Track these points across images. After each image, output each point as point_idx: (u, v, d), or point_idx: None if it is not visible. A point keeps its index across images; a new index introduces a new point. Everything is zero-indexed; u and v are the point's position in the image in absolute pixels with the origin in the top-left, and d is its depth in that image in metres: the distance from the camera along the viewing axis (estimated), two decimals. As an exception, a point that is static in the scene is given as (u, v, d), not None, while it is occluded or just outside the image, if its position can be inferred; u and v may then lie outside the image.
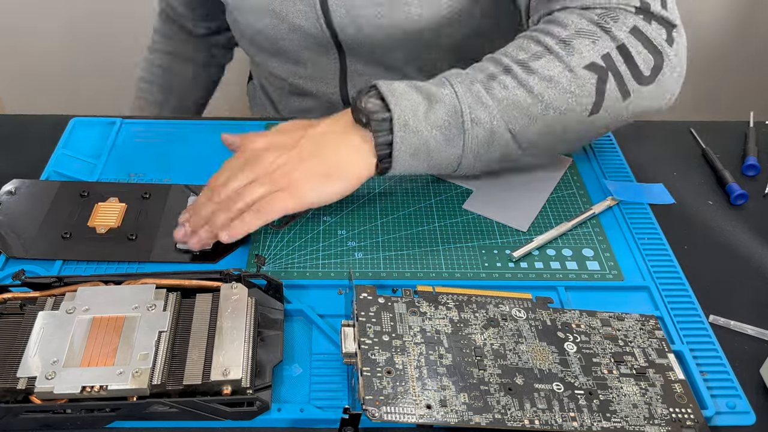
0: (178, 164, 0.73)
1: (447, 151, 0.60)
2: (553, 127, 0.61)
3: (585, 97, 0.60)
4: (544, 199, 0.70)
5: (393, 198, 0.70)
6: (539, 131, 0.61)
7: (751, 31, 1.54)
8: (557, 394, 0.50)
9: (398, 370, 0.49)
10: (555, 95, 0.60)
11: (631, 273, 0.63)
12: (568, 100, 0.60)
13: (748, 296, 0.62)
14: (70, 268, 0.61)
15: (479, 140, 0.60)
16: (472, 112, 0.59)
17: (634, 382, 0.51)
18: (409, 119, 0.58)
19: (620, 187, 0.71)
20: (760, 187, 0.73)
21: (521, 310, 0.56)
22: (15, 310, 0.53)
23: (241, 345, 0.50)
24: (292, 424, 0.51)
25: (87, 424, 0.49)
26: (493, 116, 0.59)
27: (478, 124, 0.59)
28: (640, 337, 0.55)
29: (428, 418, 0.47)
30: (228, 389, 0.49)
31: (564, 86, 0.59)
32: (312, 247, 0.64)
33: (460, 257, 0.64)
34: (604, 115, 0.61)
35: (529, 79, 0.59)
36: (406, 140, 0.58)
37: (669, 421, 0.49)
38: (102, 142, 0.76)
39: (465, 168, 0.62)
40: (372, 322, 0.53)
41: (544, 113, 0.60)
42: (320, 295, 0.60)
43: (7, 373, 0.48)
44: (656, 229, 0.67)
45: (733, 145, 0.79)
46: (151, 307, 0.52)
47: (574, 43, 0.60)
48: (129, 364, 0.48)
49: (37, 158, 0.74)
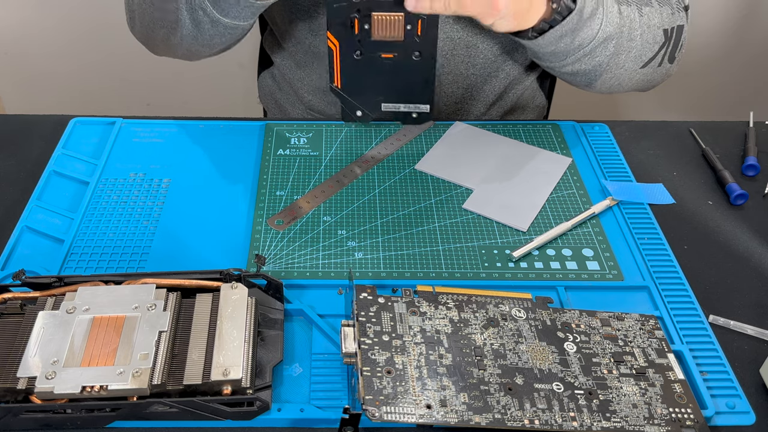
0: (178, 164, 0.73)
1: (588, 26, 0.68)
2: (630, 54, 0.73)
3: (651, 47, 0.74)
4: (544, 199, 0.70)
5: (393, 198, 0.70)
6: (626, 50, 0.72)
7: (751, 31, 1.54)
8: (557, 394, 0.50)
9: (398, 370, 0.50)
10: (646, 35, 0.73)
11: (630, 273, 0.63)
12: (648, 43, 0.73)
13: (748, 296, 0.62)
14: (69, 269, 0.61)
15: (606, 32, 0.69)
16: (609, 9, 0.69)
17: (633, 382, 0.51)
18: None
19: (620, 187, 0.71)
20: (759, 187, 0.73)
21: (521, 310, 0.56)
22: (15, 310, 0.53)
23: (241, 345, 0.50)
24: (292, 424, 0.51)
25: (87, 424, 0.49)
26: (619, 21, 0.70)
27: (610, 20, 0.69)
28: (639, 337, 0.55)
29: (428, 418, 0.47)
30: (228, 389, 0.49)
31: (651, 34, 0.73)
32: (312, 247, 0.64)
33: (460, 257, 0.64)
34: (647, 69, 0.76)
35: (641, 12, 0.73)
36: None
37: (669, 421, 0.49)
38: (102, 142, 0.76)
39: (581, 55, 0.70)
40: (372, 322, 0.53)
41: (632, 42, 0.72)
42: (320, 295, 0.60)
43: (7, 373, 0.49)
44: (656, 229, 0.67)
45: (732, 145, 0.79)
46: (151, 307, 0.52)
47: (664, 8, 0.75)
48: (129, 364, 0.48)
49: (37, 158, 0.74)
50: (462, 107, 0.90)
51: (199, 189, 0.71)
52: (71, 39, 1.51)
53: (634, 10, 0.72)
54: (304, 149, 0.76)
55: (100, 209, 0.68)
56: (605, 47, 0.70)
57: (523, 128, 0.80)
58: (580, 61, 0.71)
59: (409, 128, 0.79)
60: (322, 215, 0.68)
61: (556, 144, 0.78)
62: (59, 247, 0.64)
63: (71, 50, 1.53)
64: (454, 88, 0.87)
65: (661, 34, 0.74)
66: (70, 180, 0.71)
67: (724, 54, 1.58)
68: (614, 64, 0.73)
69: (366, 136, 0.78)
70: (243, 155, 0.75)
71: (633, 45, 0.72)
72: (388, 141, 0.77)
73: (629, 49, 0.72)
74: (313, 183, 0.71)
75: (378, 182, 0.72)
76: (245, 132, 0.78)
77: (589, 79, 0.75)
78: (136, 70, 1.53)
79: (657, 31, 0.74)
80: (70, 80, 1.58)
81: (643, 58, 0.74)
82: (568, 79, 0.77)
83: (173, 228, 0.66)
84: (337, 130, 0.79)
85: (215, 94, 1.60)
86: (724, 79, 1.60)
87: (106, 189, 0.70)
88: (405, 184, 0.72)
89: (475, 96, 0.89)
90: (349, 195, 0.70)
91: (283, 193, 0.70)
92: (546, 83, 0.98)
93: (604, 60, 0.72)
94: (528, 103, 0.95)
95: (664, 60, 0.77)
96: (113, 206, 0.68)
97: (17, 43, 1.52)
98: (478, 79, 0.87)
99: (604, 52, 0.71)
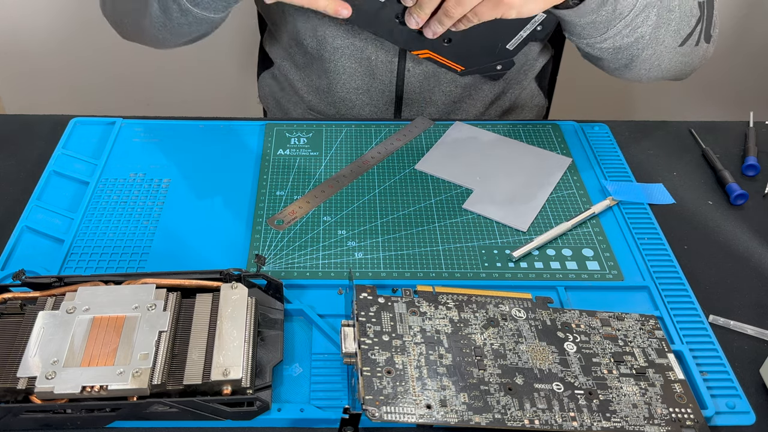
0: (178, 164, 0.73)
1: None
2: (670, 27, 0.71)
3: (689, 20, 0.73)
4: (544, 199, 0.70)
5: (393, 198, 0.70)
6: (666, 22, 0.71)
7: (751, 31, 1.54)
8: (557, 394, 0.50)
9: (398, 370, 0.50)
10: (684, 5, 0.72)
11: (631, 273, 0.63)
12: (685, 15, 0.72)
13: (748, 296, 0.62)
14: (69, 269, 0.61)
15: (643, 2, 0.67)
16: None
17: (633, 382, 0.51)
18: None
19: (620, 187, 0.71)
20: (759, 187, 0.73)
21: (521, 310, 0.56)
22: (15, 310, 0.53)
23: (241, 345, 0.50)
24: (292, 424, 0.51)
25: (87, 424, 0.49)
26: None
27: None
28: (639, 337, 0.55)
29: (428, 418, 0.47)
30: (228, 389, 0.49)
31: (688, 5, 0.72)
32: (312, 247, 0.64)
33: (460, 257, 0.64)
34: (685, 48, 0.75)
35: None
36: None
37: (669, 421, 0.49)
38: (102, 142, 0.76)
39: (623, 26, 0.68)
40: (372, 322, 0.53)
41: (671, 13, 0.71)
42: (320, 295, 0.60)
43: (7, 373, 0.49)
44: (656, 229, 0.67)
45: (733, 145, 0.79)
46: (151, 307, 0.52)
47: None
48: (129, 364, 0.48)
49: (37, 158, 0.74)
50: (460, 107, 0.90)
51: (199, 189, 0.71)
52: (71, 39, 1.51)
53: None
54: (304, 149, 0.76)
55: (100, 209, 0.68)
56: (647, 16, 0.68)
57: (523, 128, 0.80)
58: (620, 33, 0.69)
59: (409, 128, 0.79)
60: (322, 215, 0.68)
61: (556, 144, 0.78)
62: (59, 247, 0.64)
63: (71, 50, 1.53)
64: (452, 87, 0.87)
65: (697, 7, 0.73)
66: (70, 180, 0.71)
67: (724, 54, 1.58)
68: (655, 38, 0.71)
69: (366, 136, 0.78)
70: (243, 155, 0.75)
71: (672, 17, 0.70)
72: (388, 141, 0.77)
73: (669, 21, 0.70)
74: (313, 183, 0.71)
75: (378, 182, 0.72)
76: (245, 132, 0.78)
77: (629, 58, 0.73)
78: (136, 70, 1.53)
79: (693, 2, 0.73)
80: (70, 80, 1.58)
81: (682, 33, 0.73)
82: (610, 58, 0.74)
83: (173, 228, 0.66)
84: (337, 130, 0.79)
85: (215, 94, 1.60)
86: (724, 79, 1.60)
87: (106, 189, 0.70)
88: (405, 184, 0.72)
89: (473, 95, 0.89)
90: (349, 195, 0.70)
91: (283, 193, 0.70)
92: (545, 83, 0.98)
93: (645, 32, 0.69)
94: (527, 103, 0.95)
95: (701, 38, 0.75)
96: (113, 206, 0.68)
97: (17, 42, 1.52)
98: (477, 79, 0.87)
99: (646, 22, 0.69)
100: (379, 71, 0.85)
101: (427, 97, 0.88)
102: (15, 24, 1.49)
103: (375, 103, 0.88)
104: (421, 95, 0.87)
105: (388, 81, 0.86)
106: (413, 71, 0.85)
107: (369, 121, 0.81)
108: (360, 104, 0.88)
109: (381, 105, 0.88)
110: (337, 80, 0.87)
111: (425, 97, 0.88)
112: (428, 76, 0.85)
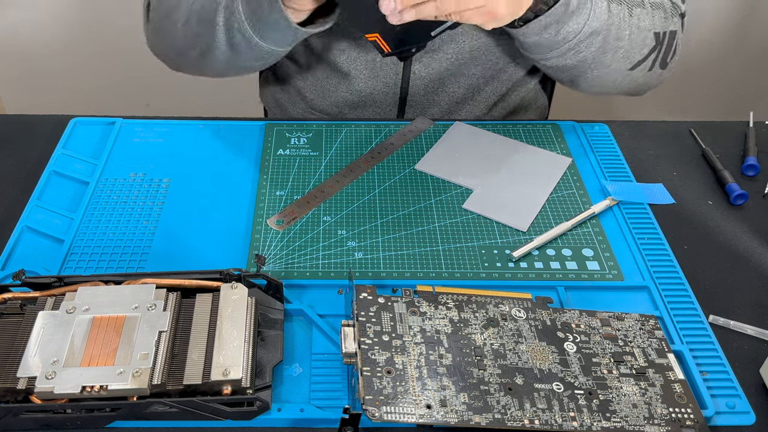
0: (178, 164, 0.73)
1: (574, 19, 0.68)
2: (617, 54, 0.73)
3: (641, 49, 0.74)
4: (544, 199, 0.70)
5: (393, 198, 0.70)
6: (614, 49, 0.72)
7: (751, 31, 1.54)
8: (557, 394, 0.50)
9: (398, 370, 0.50)
10: (635, 36, 0.73)
11: (630, 273, 0.63)
12: (637, 44, 0.73)
13: (748, 296, 0.62)
14: (69, 269, 0.61)
15: (592, 27, 0.69)
16: (598, 5, 0.69)
17: (633, 382, 0.51)
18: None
19: (620, 187, 0.71)
20: (759, 187, 0.73)
21: (521, 310, 0.56)
22: (15, 310, 0.53)
23: (241, 345, 0.50)
24: (292, 424, 0.51)
25: (87, 423, 0.49)
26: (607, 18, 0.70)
27: (598, 15, 0.69)
28: (639, 337, 0.55)
29: (428, 418, 0.47)
30: (228, 389, 0.49)
31: (641, 36, 0.73)
32: (312, 247, 0.64)
33: (460, 257, 0.64)
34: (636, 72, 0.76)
35: (631, 13, 0.73)
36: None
37: (669, 421, 0.49)
38: (102, 142, 0.76)
39: (566, 49, 0.70)
40: (372, 322, 0.53)
41: (620, 42, 0.72)
42: (320, 295, 0.60)
43: (7, 373, 0.48)
44: (656, 229, 0.67)
45: (732, 145, 0.79)
46: (151, 307, 0.52)
47: (657, 11, 0.75)
48: (129, 364, 0.48)
49: (37, 158, 0.74)
50: (463, 107, 0.90)
51: (199, 189, 0.71)
52: (71, 39, 1.51)
53: (624, 10, 0.72)
54: (304, 149, 0.76)
55: (100, 209, 0.68)
56: (590, 42, 0.70)
57: (523, 128, 0.80)
58: (564, 56, 0.71)
59: (409, 128, 0.79)
60: (322, 215, 0.68)
61: (556, 144, 0.78)
62: (59, 247, 0.64)
63: (71, 50, 1.53)
64: (456, 88, 0.87)
65: (652, 37, 0.74)
66: (70, 180, 0.71)
67: (724, 54, 1.58)
68: (600, 62, 0.73)
69: (366, 136, 0.78)
70: (243, 155, 0.75)
71: (620, 45, 0.72)
72: (388, 141, 0.77)
73: (616, 49, 0.72)
74: (313, 183, 0.71)
75: (378, 182, 0.72)
76: (245, 132, 0.78)
77: (574, 75, 0.75)
78: (136, 70, 1.53)
79: (647, 33, 0.74)
80: (70, 80, 1.58)
81: (632, 60, 0.74)
82: (553, 74, 0.77)
83: (173, 228, 0.66)
84: (337, 130, 0.79)
85: (215, 94, 1.60)
86: (724, 79, 1.60)
87: (106, 189, 0.70)
88: (405, 184, 0.72)
89: (476, 97, 0.89)
90: (349, 195, 0.70)
91: (283, 193, 0.70)
92: (548, 84, 0.98)
93: (588, 56, 0.72)
94: (530, 104, 0.95)
95: (655, 65, 0.77)
96: (113, 206, 0.68)
97: (17, 43, 1.52)
98: (481, 80, 0.87)
99: (590, 48, 0.71)
100: (384, 73, 0.85)
101: (431, 99, 0.87)
102: (15, 24, 1.49)
103: (379, 105, 0.88)
104: (425, 97, 0.87)
105: (393, 83, 0.86)
106: (419, 74, 0.84)
107: (369, 121, 0.81)
108: (363, 105, 0.88)
109: (385, 106, 0.88)
110: (342, 81, 0.87)
111: (429, 99, 0.88)
112: (433, 80, 0.85)
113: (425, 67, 0.84)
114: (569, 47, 0.70)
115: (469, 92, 0.88)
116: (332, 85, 0.88)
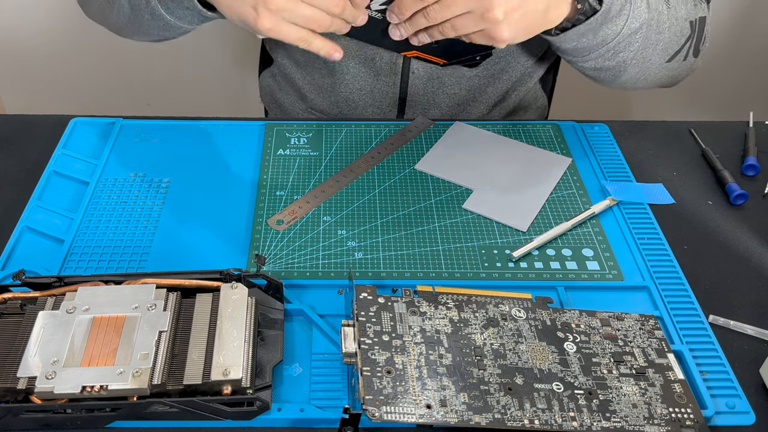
0: (178, 164, 0.73)
1: (613, 23, 0.67)
2: (657, 48, 0.72)
3: (678, 40, 0.74)
4: (544, 199, 0.70)
5: (393, 198, 0.70)
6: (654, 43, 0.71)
7: (751, 31, 1.54)
8: (557, 394, 0.50)
9: (398, 370, 0.50)
10: (674, 27, 0.72)
11: (630, 273, 0.63)
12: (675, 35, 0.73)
13: (748, 296, 0.62)
14: (69, 269, 0.61)
15: (632, 27, 0.68)
16: (637, 5, 0.68)
17: (633, 382, 0.51)
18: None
19: (620, 187, 0.71)
20: (759, 187, 0.73)
21: (521, 310, 0.56)
22: (15, 310, 0.53)
23: (241, 345, 0.50)
24: (292, 424, 0.51)
25: (87, 423, 0.49)
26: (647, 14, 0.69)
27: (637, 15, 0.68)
28: (639, 337, 0.55)
29: (428, 417, 0.47)
30: (228, 389, 0.49)
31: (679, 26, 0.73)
32: (312, 247, 0.64)
33: (460, 257, 0.64)
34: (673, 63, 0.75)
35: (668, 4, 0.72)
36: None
37: (669, 421, 0.49)
38: (102, 142, 0.76)
39: (604, 51, 0.69)
40: (372, 321, 0.53)
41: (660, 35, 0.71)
42: (320, 295, 0.60)
43: (7, 373, 0.49)
44: (656, 229, 0.67)
45: (732, 145, 0.79)
46: (152, 307, 0.52)
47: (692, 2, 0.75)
48: (129, 364, 0.48)
49: (37, 158, 0.74)
50: (464, 108, 0.90)
51: (199, 189, 0.71)
52: (71, 39, 1.51)
53: (661, 2, 0.71)
54: (304, 149, 0.76)
55: (100, 209, 0.68)
56: (629, 43, 0.69)
57: (523, 128, 0.80)
58: (602, 57, 0.70)
59: (409, 128, 0.79)
60: (322, 215, 0.68)
61: (556, 144, 0.78)
62: (59, 247, 0.64)
63: (71, 50, 1.53)
64: (457, 89, 0.87)
65: (688, 26, 0.74)
66: (70, 180, 0.71)
67: (724, 54, 1.58)
68: (641, 57, 0.72)
69: (366, 136, 0.78)
70: (243, 155, 0.75)
71: (661, 38, 0.71)
72: (388, 141, 0.77)
73: (657, 42, 0.71)
74: (313, 183, 0.71)
75: (378, 182, 0.72)
76: (245, 132, 0.78)
77: (614, 75, 0.74)
78: (136, 71, 1.53)
79: (684, 23, 0.73)
80: (70, 80, 1.58)
81: (670, 51, 0.73)
82: (593, 75, 0.76)
83: (173, 228, 0.66)
84: (337, 130, 0.79)
85: (215, 94, 1.60)
86: (724, 79, 1.60)
87: (106, 189, 0.70)
88: (405, 184, 0.72)
89: (477, 97, 0.89)
90: (349, 195, 0.70)
91: (283, 193, 0.70)
92: (548, 84, 0.98)
93: (629, 56, 0.70)
94: (530, 105, 0.95)
95: (689, 53, 0.76)
96: (113, 206, 0.68)
97: (17, 43, 1.52)
98: (482, 81, 0.87)
99: (629, 48, 0.70)
100: (383, 72, 0.85)
101: (430, 99, 0.87)
102: (15, 24, 1.49)
103: (378, 104, 0.88)
104: (424, 97, 0.87)
105: (392, 82, 0.86)
106: (417, 73, 0.85)
107: (369, 121, 0.81)
108: (363, 105, 0.88)
109: (384, 106, 0.88)
110: (341, 80, 0.87)
111: (429, 99, 0.88)
112: (432, 78, 0.85)
113: (425, 67, 0.84)
114: (608, 49, 0.69)
115: (469, 92, 0.88)
116: (332, 85, 0.88)
